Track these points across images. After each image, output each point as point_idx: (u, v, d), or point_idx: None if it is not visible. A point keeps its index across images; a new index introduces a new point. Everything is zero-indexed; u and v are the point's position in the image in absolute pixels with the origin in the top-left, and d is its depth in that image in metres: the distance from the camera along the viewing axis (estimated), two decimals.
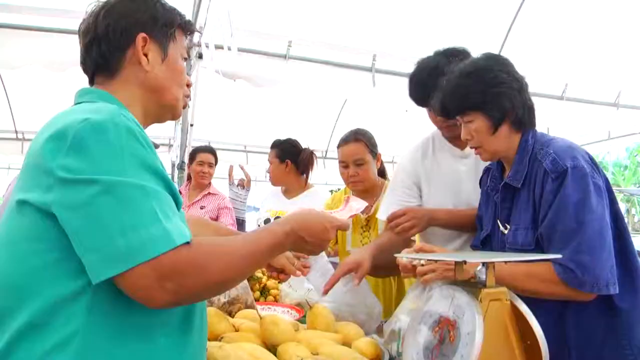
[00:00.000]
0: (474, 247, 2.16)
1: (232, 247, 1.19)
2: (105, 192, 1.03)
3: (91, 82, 1.42)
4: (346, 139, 3.03)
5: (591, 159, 1.82)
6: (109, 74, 1.38)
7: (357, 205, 1.72)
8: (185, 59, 1.51)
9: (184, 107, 1.52)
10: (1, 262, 1.12)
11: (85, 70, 1.42)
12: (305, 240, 1.37)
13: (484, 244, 2.08)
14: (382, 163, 3.18)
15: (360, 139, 2.98)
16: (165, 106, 1.43)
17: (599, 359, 1.78)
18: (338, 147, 3.06)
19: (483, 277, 1.44)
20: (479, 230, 2.15)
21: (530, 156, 1.87)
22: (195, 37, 4.35)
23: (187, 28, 1.51)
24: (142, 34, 1.37)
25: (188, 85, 1.51)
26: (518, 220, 1.89)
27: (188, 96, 1.52)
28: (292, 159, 3.89)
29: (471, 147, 1.99)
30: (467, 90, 1.88)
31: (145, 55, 1.37)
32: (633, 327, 1.78)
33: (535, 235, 1.81)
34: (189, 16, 4.25)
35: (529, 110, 1.94)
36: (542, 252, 1.79)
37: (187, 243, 1.08)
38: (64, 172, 1.05)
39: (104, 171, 1.05)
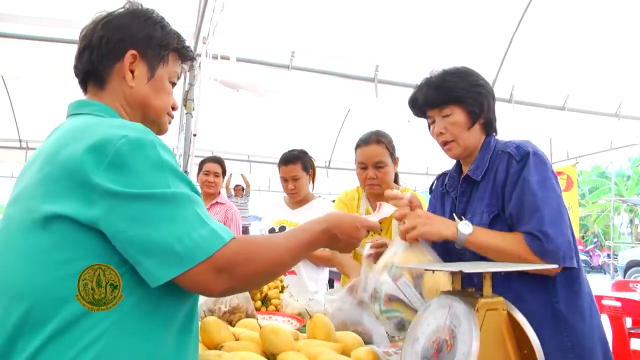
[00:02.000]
0: None
1: (276, 242, 1.31)
2: (156, 204, 1.12)
3: (82, 86, 1.45)
4: (367, 140, 3.01)
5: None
6: (98, 83, 1.41)
7: (388, 209, 1.79)
8: (174, 84, 1.52)
9: (169, 123, 1.54)
10: (30, 272, 1.14)
11: (76, 75, 1.45)
12: (338, 238, 1.46)
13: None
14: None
15: (381, 140, 2.97)
16: (149, 122, 1.45)
17: None
18: (357, 147, 3.04)
19: (465, 232, 1.77)
20: None
21: (491, 155, 1.99)
22: (199, 47, 4.38)
23: (183, 54, 1.53)
24: (132, 51, 1.39)
25: (174, 108, 1.53)
26: (474, 209, 1.98)
27: (172, 117, 1.55)
28: (311, 169, 3.85)
29: (443, 142, 2.06)
30: (454, 85, 2.02)
31: (132, 71, 1.40)
32: (574, 323, 1.84)
33: (490, 217, 1.91)
34: (192, 26, 4.33)
35: (495, 119, 2.10)
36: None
37: (234, 239, 1.18)
38: (111, 186, 1.10)
39: (150, 185, 1.13)
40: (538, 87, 5.90)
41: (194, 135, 4.63)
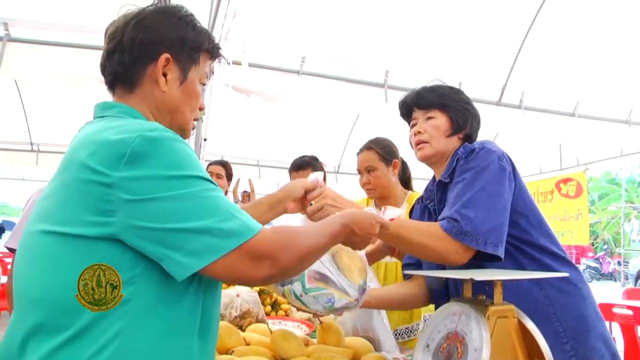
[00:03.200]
0: (407, 266, 2.19)
1: (308, 231, 1.33)
2: (181, 201, 1.12)
3: (110, 87, 1.41)
4: (361, 147, 3.11)
5: (507, 156, 1.91)
6: (127, 86, 1.37)
7: (393, 212, 1.77)
8: (204, 84, 1.49)
9: (193, 129, 1.52)
10: (44, 278, 1.14)
11: (104, 75, 1.40)
12: (355, 233, 1.47)
13: None
14: (407, 173, 3.23)
15: (371, 147, 3.05)
16: (175, 127, 1.40)
17: None
18: (357, 154, 3.15)
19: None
20: None
21: (457, 158, 1.97)
22: None
23: (214, 53, 1.49)
24: (166, 54, 1.35)
25: (201, 109, 1.50)
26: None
27: (198, 119, 1.53)
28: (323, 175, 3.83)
29: (417, 141, 2.07)
30: (446, 92, 2.08)
31: (165, 75, 1.36)
32: (564, 309, 1.80)
33: None
34: None
35: (475, 140, 2.10)
36: None
37: (268, 227, 1.21)
38: (130, 193, 1.09)
39: (172, 184, 1.12)
40: (548, 93, 5.89)
41: (204, 139, 4.65)
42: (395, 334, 2.87)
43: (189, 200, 1.13)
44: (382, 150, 3.03)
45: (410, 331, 2.95)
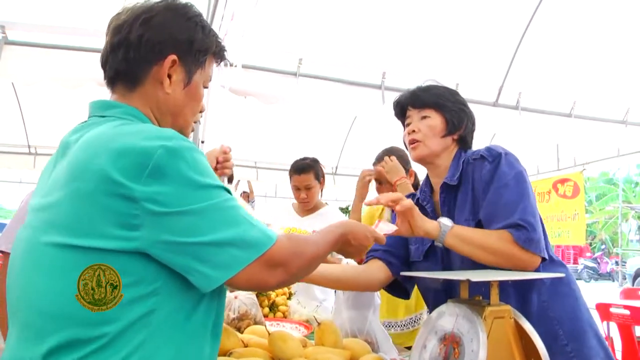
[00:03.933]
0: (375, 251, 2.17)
1: (313, 239, 1.39)
2: (204, 215, 1.13)
3: (109, 83, 1.37)
4: (378, 158, 3.17)
5: None
6: (129, 84, 1.34)
7: (387, 228, 1.78)
8: (206, 87, 1.47)
9: (192, 131, 1.50)
10: (71, 295, 1.10)
11: (105, 70, 1.37)
12: (350, 243, 1.54)
13: (427, 255, 2.06)
14: (416, 178, 3.24)
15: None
16: (176, 129, 1.32)
17: None
18: (373, 165, 3.22)
19: (448, 224, 1.79)
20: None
21: (463, 161, 1.98)
22: None
23: (220, 56, 1.48)
24: (173, 56, 1.33)
25: (201, 111, 1.48)
26: (459, 216, 1.93)
27: (197, 121, 1.51)
28: (322, 177, 3.84)
29: (411, 140, 2.05)
30: (441, 93, 2.07)
31: (170, 76, 1.34)
32: (561, 312, 1.82)
33: (474, 225, 1.88)
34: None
35: (472, 142, 2.12)
36: None
37: (283, 236, 1.25)
38: (154, 205, 1.09)
39: (194, 197, 1.12)
40: (545, 94, 5.90)
41: (202, 142, 4.65)
42: (401, 325, 2.90)
43: (214, 212, 1.14)
44: (401, 160, 3.04)
45: (415, 321, 2.98)
